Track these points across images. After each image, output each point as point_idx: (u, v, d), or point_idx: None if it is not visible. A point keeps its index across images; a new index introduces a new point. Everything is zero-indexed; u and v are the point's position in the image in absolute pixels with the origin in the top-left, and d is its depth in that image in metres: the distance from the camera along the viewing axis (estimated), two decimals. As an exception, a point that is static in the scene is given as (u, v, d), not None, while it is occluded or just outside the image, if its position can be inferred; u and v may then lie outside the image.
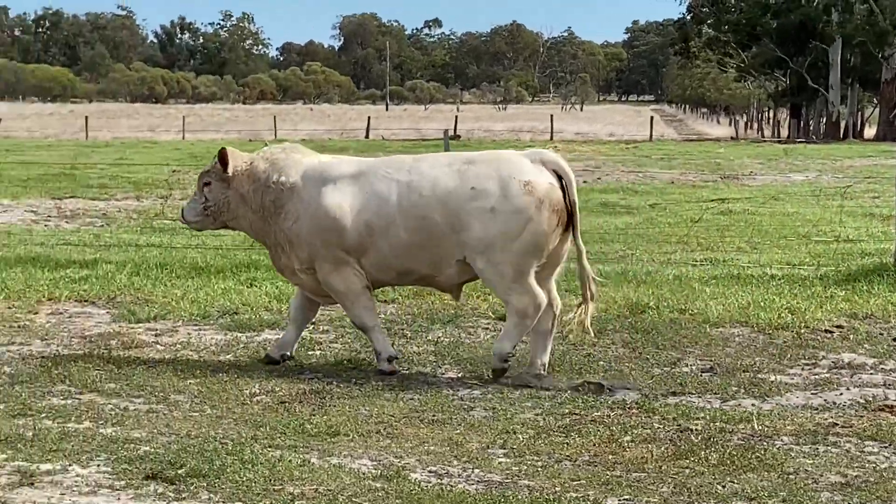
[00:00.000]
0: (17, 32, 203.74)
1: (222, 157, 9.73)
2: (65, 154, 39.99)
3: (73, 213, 22.36)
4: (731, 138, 68.45)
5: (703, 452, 7.28)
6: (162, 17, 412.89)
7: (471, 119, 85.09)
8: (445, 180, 9.18)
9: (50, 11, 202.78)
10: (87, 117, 69.49)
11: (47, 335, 10.63)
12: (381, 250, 9.29)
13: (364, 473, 6.82)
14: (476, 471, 6.95)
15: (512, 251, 9.02)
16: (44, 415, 7.96)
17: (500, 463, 7.09)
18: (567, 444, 7.48)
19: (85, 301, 12.12)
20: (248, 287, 12.52)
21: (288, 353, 9.70)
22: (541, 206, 9.02)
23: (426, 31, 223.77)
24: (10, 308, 11.68)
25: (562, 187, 9.16)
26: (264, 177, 9.61)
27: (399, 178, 9.29)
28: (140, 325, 11.06)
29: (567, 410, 8.23)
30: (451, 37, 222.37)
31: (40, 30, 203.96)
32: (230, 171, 9.67)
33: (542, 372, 9.23)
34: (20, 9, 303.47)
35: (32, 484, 6.56)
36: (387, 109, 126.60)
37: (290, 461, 6.95)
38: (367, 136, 63.82)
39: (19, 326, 10.99)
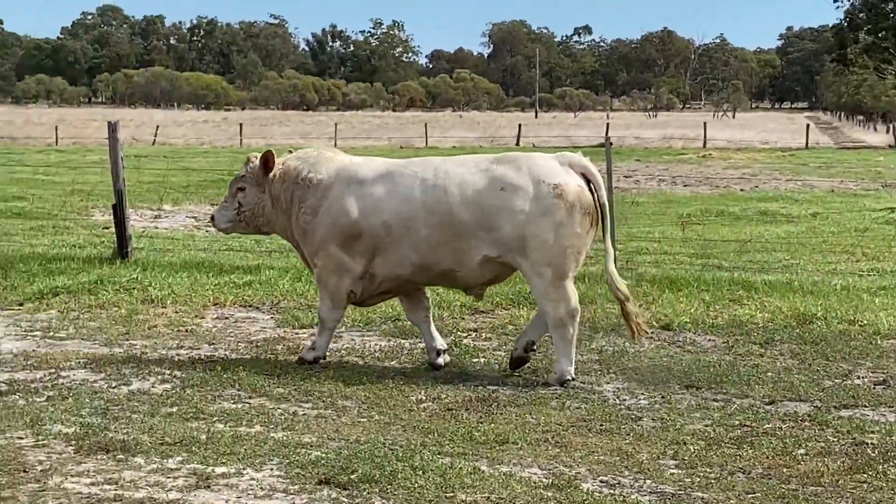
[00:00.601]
0: (172, 41, 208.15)
1: (266, 160, 10.02)
2: (221, 161, 40.72)
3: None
4: (889, 146, 66.90)
5: (880, 467, 7.10)
6: (313, 25, 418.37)
7: (621, 126, 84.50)
8: (474, 180, 9.39)
9: (204, 20, 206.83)
10: (241, 125, 70.64)
11: (214, 339, 10.79)
12: (401, 247, 9.53)
13: (535, 482, 6.78)
14: (648, 481, 6.86)
15: (548, 252, 9.19)
16: (216, 418, 8.07)
17: (671, 474, 6.99)
18: (739, 455, 7.35)
19: (249, 306, 12.28)
20: (410, 293, 12.53)
21: (440, 349, 9.84)
22: (572, 210, 9.19)
23: (576, 38, 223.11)
24: (177, 312, 11.89)
25: (590, 190, 9.30)
26: (294, 174, 9.94)
27: (425, 176, 9.52)
28: (304, 330, 11.17)
29: (737, 422, 8.09)
30: (601, 44, 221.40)
31: (195, 38, 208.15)
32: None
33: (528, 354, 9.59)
34: (175, 18, 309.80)
35: (209, 486, 6.64)
36: (536, 117, 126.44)
37: (460, 468, 6.93)
38: (517, 144, 63.78)
39: (187, 331, 11.19)
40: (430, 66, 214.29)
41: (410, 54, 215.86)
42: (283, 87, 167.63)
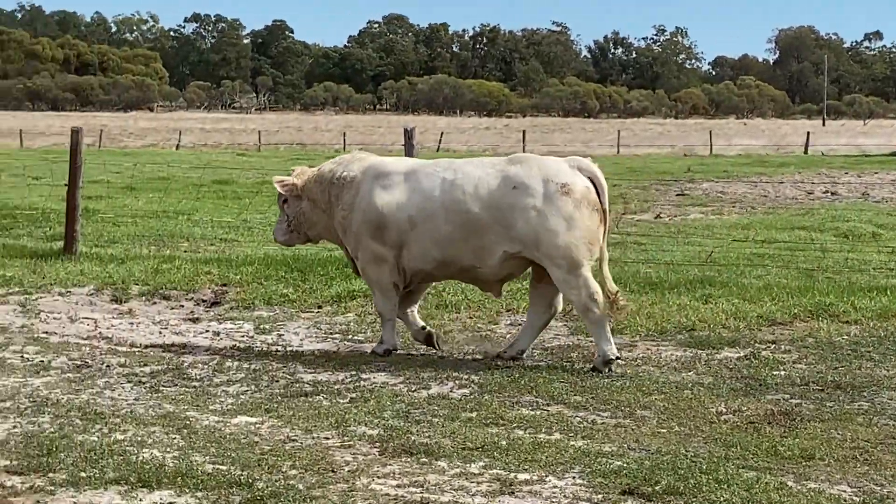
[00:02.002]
0: (455, 49, 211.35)
1: (297, 174, 11.01)
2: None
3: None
4: None
5: None
6: (595, 32, 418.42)
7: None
8: (488, 180, 10.05)
9: (487, 28, 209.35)
10: (524, 132, 71.09)
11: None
12: (423, 241, 10.19)
13: (844, 500, 6.57)
14: (966, 506, 6.56)
15: (561, 245, 9.81)
16: (515, 424, 8.10)
17: None
18: None
19: (542, 313, 12.29)
20: (703, 304, 12.32)
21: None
22: (580, 205, 9.86)
23: (866, 43, 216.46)
24: (471, 318, 12.02)
25: (596, 193, 9.96)
26: (330, 175, 10.71)
27: (445, 175, 10.22)
28: (597, 338, 11.10)
29: None
30: (893, 49, 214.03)
31: (478, 46, 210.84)
32: (299, 182, 10.88)
33: (521, 356, 10.23)
34: (458, 26, 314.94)
35: (512, 493, 6.67)
36: (823, 124, 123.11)
37: (766, 483, 6.76)
38: (805, 152, 62.28)
39: (481, 336, 11.30)
40: (714, 72, 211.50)
41: (693, 61, 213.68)
42: (565, 94, 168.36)
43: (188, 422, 8.04)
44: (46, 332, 11.34)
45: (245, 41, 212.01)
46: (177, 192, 26.61)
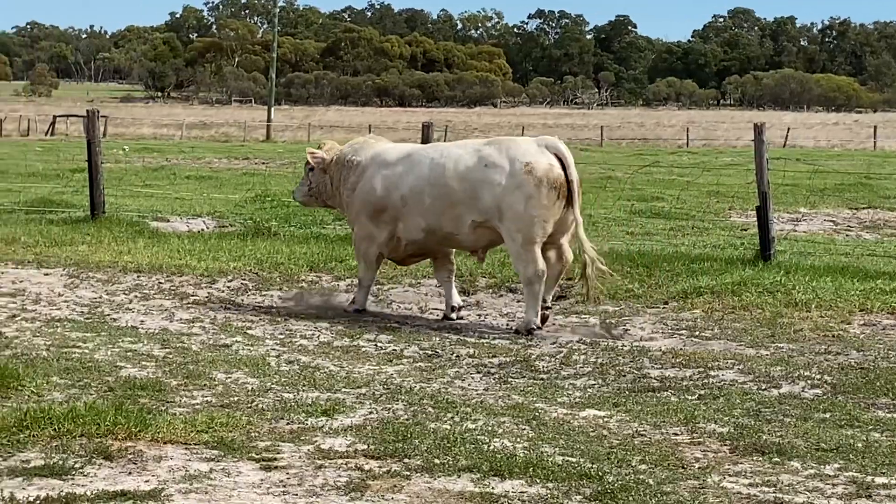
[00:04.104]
0: (802, 42, 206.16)
1: (328, 149, 12.54)
2: (855, 164, 39.81)
3: (873, 223, 22.14)
4: None
5: None
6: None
7: None
8: (465, 159, 11.39)
9: (837, 21, 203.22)
10: (874, 127, 68.68)
11: (863, 346, 10.51)
12: (413, 214, 11.63)
13: None
14: None
15: (519, 220, 11.05)
16: (871, 427, 7.83)
17: None
18: None
19: (897, 313, 11.86)
20: None
21: (455, 306, 11.99)
22: (540, 184, 11.00)
23: None
24: (822, 317, 11.69)
25: (563, 168, 11.04)
26: (345, 158, 12.24)
27: (433, 156, 11.65)
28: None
29: None
30: None
31: (826, 40, 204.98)
32: (327, 157, 12.38)
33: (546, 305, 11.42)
34: (806, 19, 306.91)
35: (870, 496, 6.44)
36: None
37: None
38: None
39: (833, 336, 10.98)
40: None
41: None
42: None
43: (537, 413, 8.12)
44: (398, 322, 11.68)
45: (588, 37, 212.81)
46: (521, 187, 26.92)
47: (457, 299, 12.08)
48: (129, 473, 6.57)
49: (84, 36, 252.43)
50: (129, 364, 9.35)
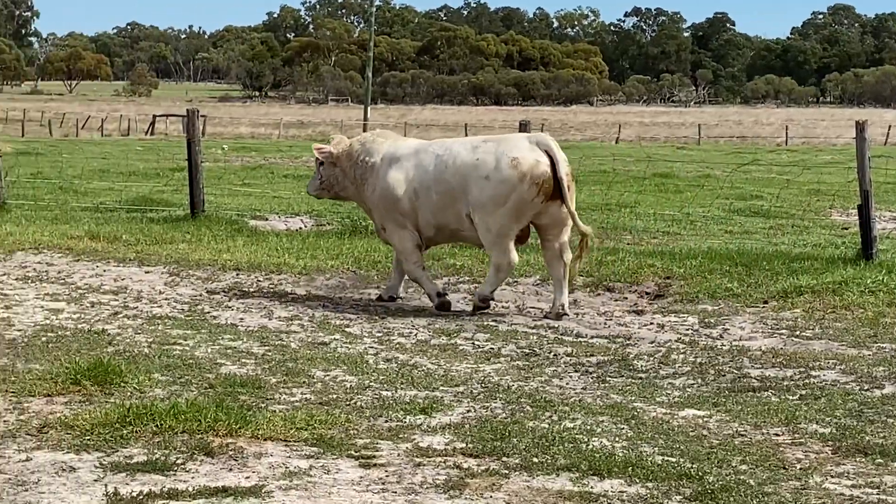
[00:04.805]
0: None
1: (335, 143, 12.82)
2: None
3: None
4: None
5: None
6: None
7: None
8: (463, 155, 11.85)
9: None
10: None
11: (968, 347, 10.32)
12: (424, 210, 12.07)
13: None
14: None
15: (497, 213, 11.59)
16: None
17: None
18: None
19: None
20: None
21: (395, 295, 12.60)
22: (523, 179, 11.46)
23: None
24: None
25: (552, 165, 11.46)
26: (356, 156, 12.55)
27: (438, 153, 12.06)
28: None
29: None
30: None
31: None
32: (335, 151, 12.68)
33: (563, 311, 11.75)
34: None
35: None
36: None
37: None
38: None
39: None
40: None
41: None
42: None
43: (636, 412, 8.07)
44: (495, 320, 11.68)
45: (685, 34, 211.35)
46: (618, 186, 26.77)
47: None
48: (230, 470, 6.64)
49: (183, 36, 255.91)
50: (229, 361, 9.45)
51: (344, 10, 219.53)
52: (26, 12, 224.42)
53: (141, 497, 6.10)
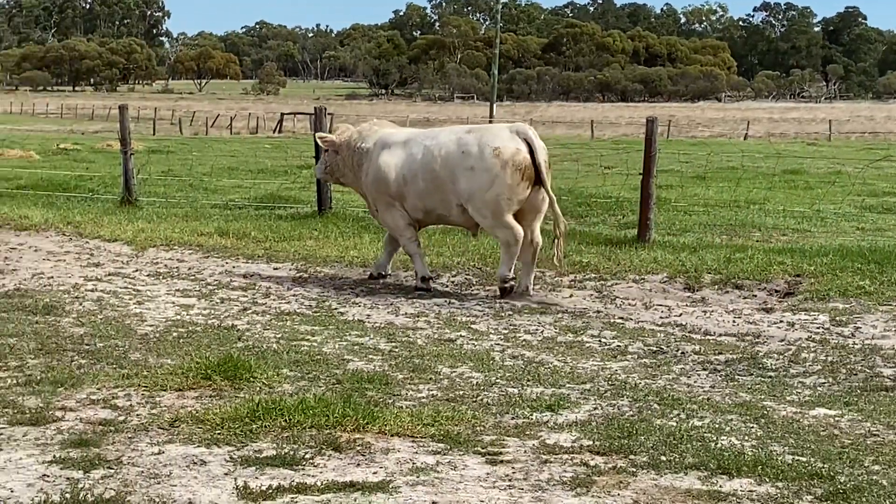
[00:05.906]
0: None
1: (337, 133, 13.69)
2: None
3: None
4: None
5: None
6: None
7: None
8: (449, 145, 12.50)
9: None
10: None
11: None
12: (411, 195, 12.78)
13: None
14: None
15: (486, 199, 12.24)
16: None
17: None
18: None
19: None
20: None
21: (384, 272, 13.50)
22: (505, 166, 12.13)
23: None
24: None
25: (531, 152, 12.15)
26: (354, 144, 13.34)
27: (426, 143, 12.74)
28: None
29: None
30: None
31: None
32: (337, 140, 13.52)
33: (528, 291, 12.54)
34: None
35: None
36: None
37: None
38: None
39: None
40: None
41: None
42: None
43: (765, 411, 7.96)
44: (622, 318, 11.61)
45: (816, 29, 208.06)
46: (747, 182, 26.43)
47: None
48: (358, 465, 6.68)
49: (311, 35, 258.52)
50: (356, 357, 9.51)
51: (470, 8, 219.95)
52: (157, 13, 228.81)
53: (270, 491, 6.17)
